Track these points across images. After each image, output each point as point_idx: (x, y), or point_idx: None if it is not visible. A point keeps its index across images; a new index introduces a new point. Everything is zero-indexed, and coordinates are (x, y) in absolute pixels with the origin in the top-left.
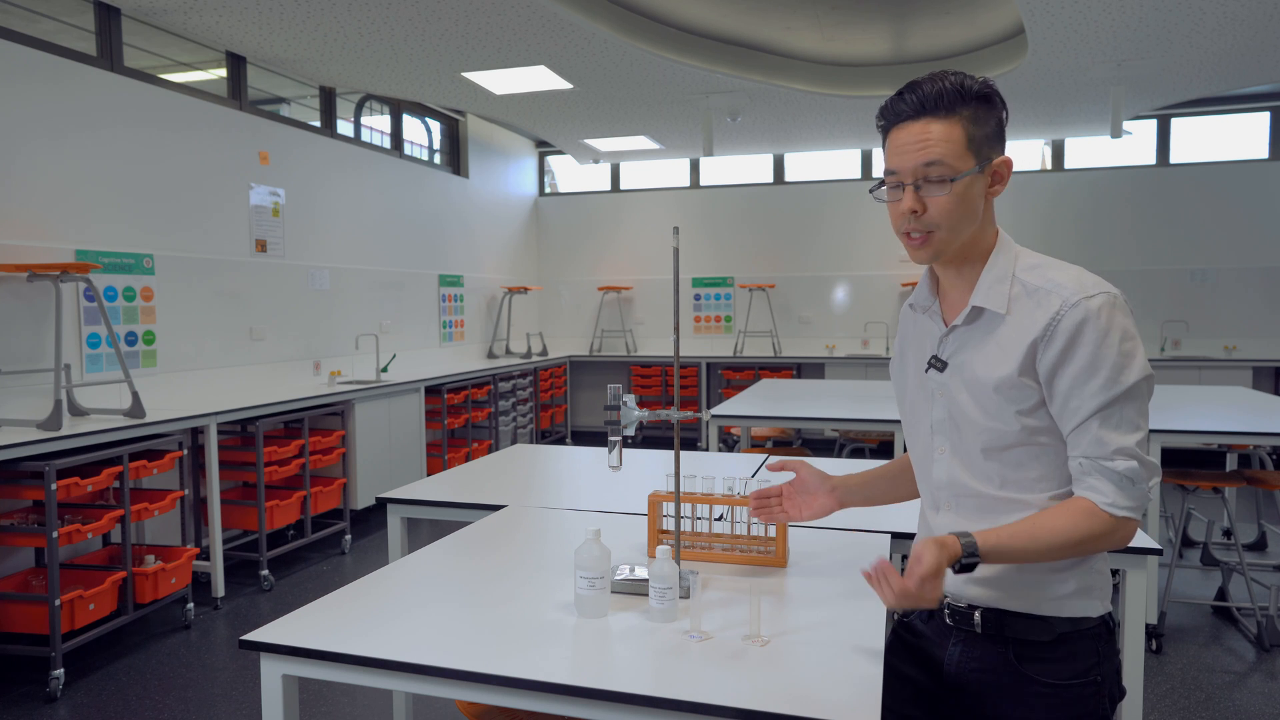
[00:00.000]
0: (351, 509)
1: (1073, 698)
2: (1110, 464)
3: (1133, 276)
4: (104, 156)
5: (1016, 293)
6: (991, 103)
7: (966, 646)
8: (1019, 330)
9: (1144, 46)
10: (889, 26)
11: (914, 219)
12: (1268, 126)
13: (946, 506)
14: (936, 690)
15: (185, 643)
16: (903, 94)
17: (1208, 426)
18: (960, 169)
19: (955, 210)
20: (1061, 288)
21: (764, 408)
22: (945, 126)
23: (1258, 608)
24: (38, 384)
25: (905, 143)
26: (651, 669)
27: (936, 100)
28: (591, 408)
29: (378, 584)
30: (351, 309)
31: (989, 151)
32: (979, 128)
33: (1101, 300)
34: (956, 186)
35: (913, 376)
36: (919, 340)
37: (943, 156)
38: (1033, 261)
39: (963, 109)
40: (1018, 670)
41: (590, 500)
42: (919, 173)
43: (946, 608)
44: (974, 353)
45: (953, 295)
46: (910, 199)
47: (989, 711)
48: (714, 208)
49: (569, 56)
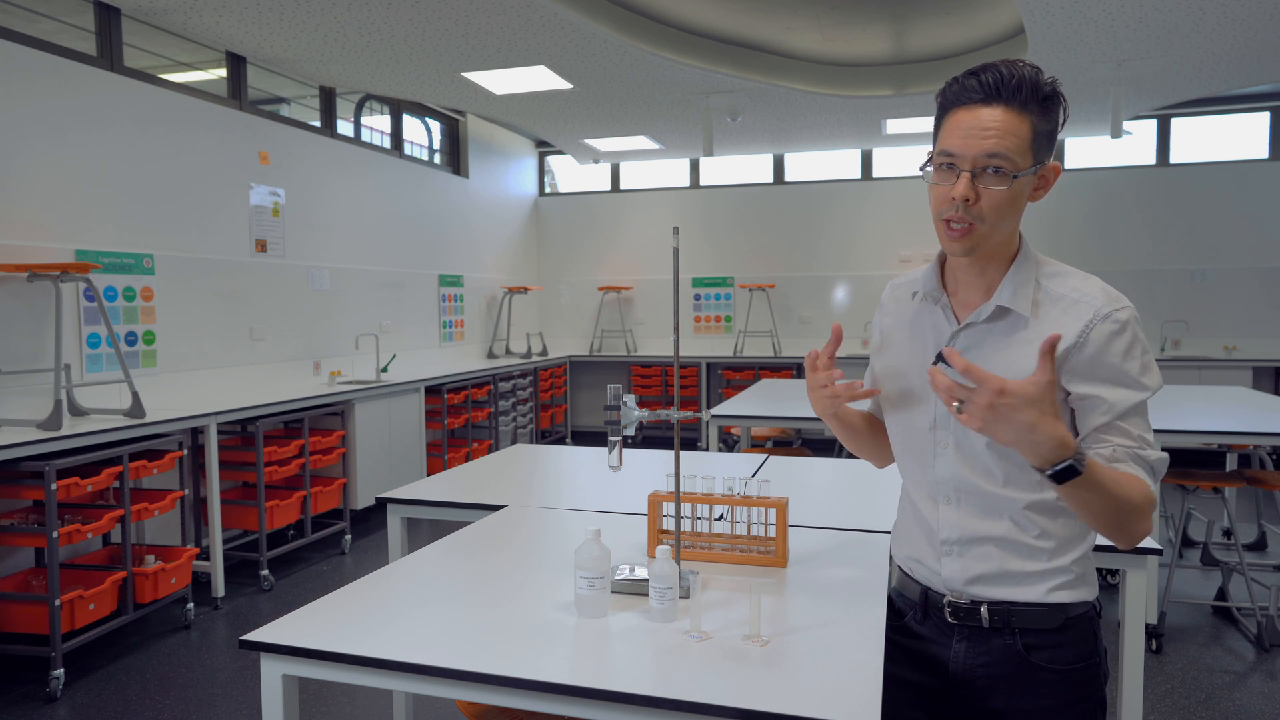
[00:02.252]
0: (351, 509)
1: (1079, 681)
2: (1143, 453)
3: (1133, 276)
4: (104, 156)
5: (1040, 298)
6: (1057, 103)
7: (972, 642)
8: (1045, 335)
9: (1144, 46)
10: (889, 26)
11: (963, 207)
12: (1268, 126)
13: (946, 501)
14: (940, 689)
15: (185, 643)
16: (977, 74)
17: (1208, 426)
18: (1021, 166)
19: (1006, 207)
20: (1092, 299)
21: (764, 408)
22: (1015, 119)
23: (1258, 608)
24: (38, 384)
25: (970, 126)
26: (651, 669)
27: (1014, 89)
28: (591, 408)
29: (378, 584)
30: (351, 309)
31: (1044, 154)
32: (1043, 126)
33: (1129, 314)
34: (1014, 184)
35: (910, 365)
36: (919, 330)
37: (1007, 150)
38: (1055, 269)
39: (1034, 104)
40: (1026, 660)
41: (590, 500)
42: (980, 161)
43: (948, 605)
44: (993, 351)
45: (964, 293)
46: (964, 186)
47: (998, 704)
48: (714, 208)
49: (569, 56)
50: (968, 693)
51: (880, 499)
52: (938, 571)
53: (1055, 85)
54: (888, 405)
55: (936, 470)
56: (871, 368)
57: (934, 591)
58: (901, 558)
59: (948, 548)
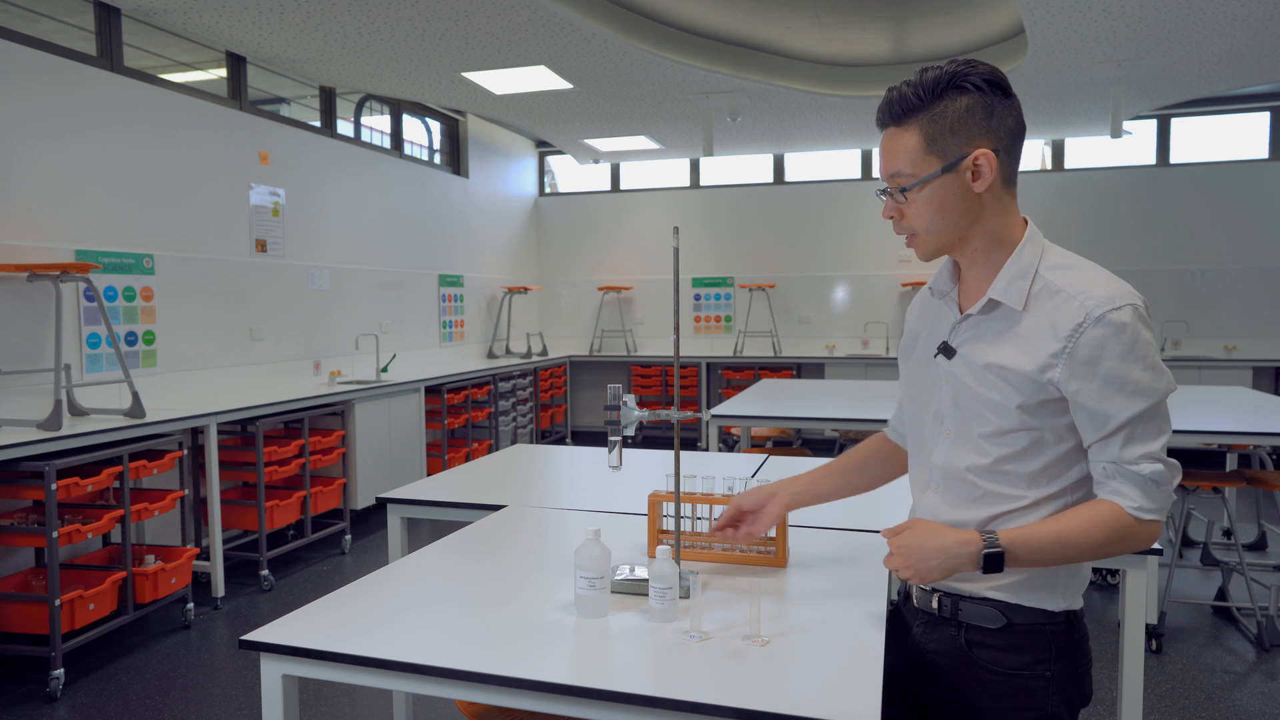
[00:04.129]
0: (351, 509)
1: (1019, 688)
2: (1135, 468)
3: (1133, 276)
4: (104, 156)
5: (1038, 289)
6: (961, 89)
7: (927, 629)
8: (1038, 330)
9: (1144, 46)
10: (889, 26)
11: (898, 224)
12: (1268, 126)
13: (934, 489)
14: (900, 671)
15: (185, 643)
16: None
17: (1208, 426)
18: (919, 174)
19: (927, 213)
20: (1087, 297)
21: (764, 408)
22: (901, 134)
23: (1258, 608)
24: (38, 384)
25: (881, 153)
26: (651, 669)
27: (889, 111)
28: (591, 408)
29: (378, 584)
30: (351, 309)
31: (960, 146)
32: (939, 124)
33: (1127, 313)
34: (923, 191)
35: (922, 359)
36: (933, 325)
37: (901, 166)
38: (1060, 260)
39: (917, 114)
40: (968, 655)
41: (590, 500)
42: (890, 184)
43: (914, 589)
44: (988, 344)
45: (971, 284)
46: (885, 208)
47: (937, 693)
48: (714, 208)
49: (569, 56)
50: (918, 678)
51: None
52: None
53: (948, 76)
54: (905, 402)
55: (933, 458)
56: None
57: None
58: None
59: None
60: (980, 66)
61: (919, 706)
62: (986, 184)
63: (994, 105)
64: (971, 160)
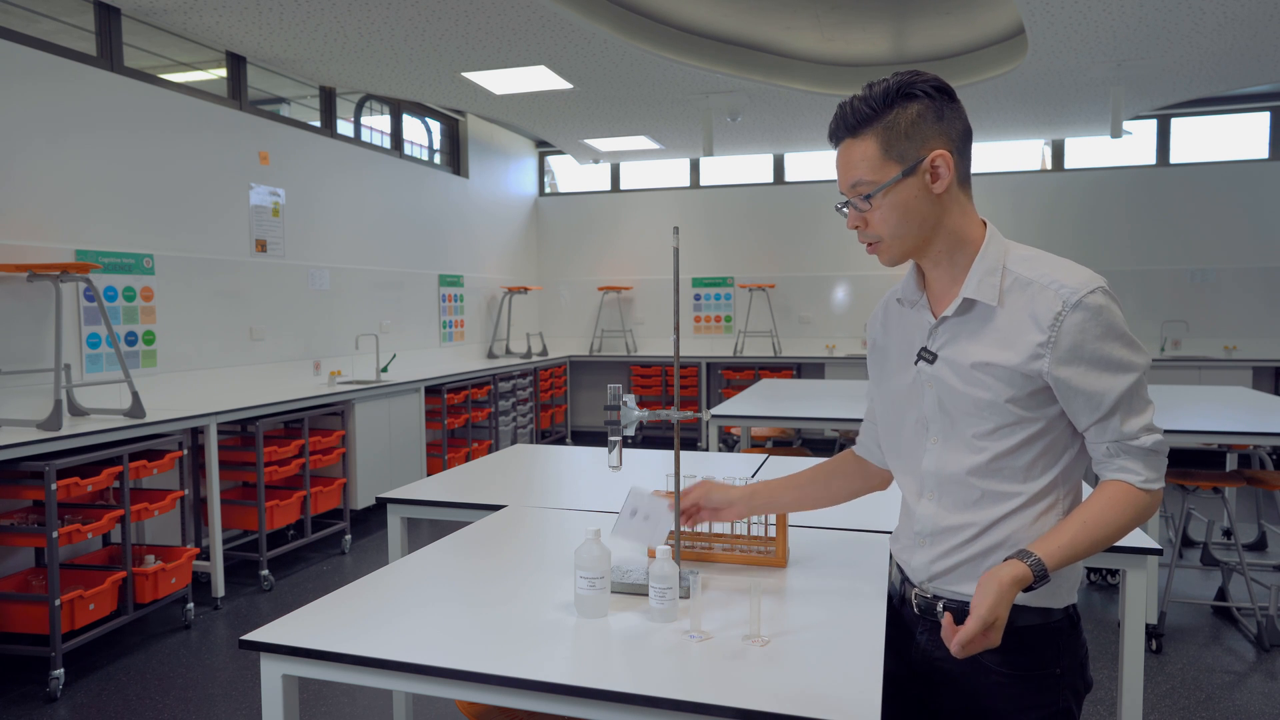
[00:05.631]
0: (351, 509)
1: (1031, 689)
2: (1138, 442)
3: (1132, 276)
4: (104, 156)
5: (1008, 284)
6: (911, 97)
7: (932, 635)
8: (1017, 323)
9: (1144, 46)
10: (889, 26)
11: (862, 233)
12: (1268, 126)
13: (929, 495)
14: (903, 678)
15: (185, 643)
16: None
17: (1208, 426)
18: (881, 180)
19: (892, 218)
20: (1060, 285)
21: (764, 408)
22: (859, 145)
23: (1258, 608)
24: (38, 384)
25: (838, 166)
26: (651, 669)
27: (843, 125)
28: (591, 408)
29: (378, 584)
30: (351, 309)
31: (916, 150)
32: (893, 131)
33: (1100, 296)
34: (886, 197)
35: (897, 369)
36: (905, 333)
37: (862, 174)
38: (1024, 254)
39: (872, 123)
40: (976, 660)
41: (590, 500)
42: (850, 194)
43: (915, 596)
44: (968, 343)
45: (938, 289)
46: (850, 218)
47: (948, 702)
48: (714, 208)
49: (569, 56)
50: (924, 686)
51: (880, 499)
52: (909, 562)
53: (896, 86)
54: (880, 411)
55: (924, 464)
56: (870, 381)
57: (908, 582)
58: (894, 549)
59: (920, 539)
60: (925, 75)
61: (928, 715)
62: (945, 184)
63: (943, 109)
64: (929, 162)
